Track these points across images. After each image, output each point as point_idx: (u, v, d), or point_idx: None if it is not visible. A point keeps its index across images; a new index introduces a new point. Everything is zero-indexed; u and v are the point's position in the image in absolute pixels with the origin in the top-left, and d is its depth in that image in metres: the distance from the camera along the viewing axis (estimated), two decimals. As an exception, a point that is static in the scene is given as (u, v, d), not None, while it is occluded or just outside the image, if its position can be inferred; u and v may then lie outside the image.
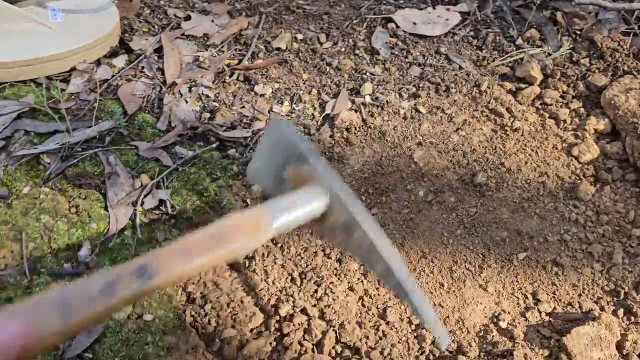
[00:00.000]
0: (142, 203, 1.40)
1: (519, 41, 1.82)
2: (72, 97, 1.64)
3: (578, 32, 1.83)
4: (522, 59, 1.78)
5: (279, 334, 1.27)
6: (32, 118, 1.53)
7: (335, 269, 1.40)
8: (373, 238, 0.94)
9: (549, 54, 1.77)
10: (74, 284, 0.74)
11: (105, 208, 1.38)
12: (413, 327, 1.34)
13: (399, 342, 1.30)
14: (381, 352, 1.27)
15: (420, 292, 0.95)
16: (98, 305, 0.73)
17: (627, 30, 1.76)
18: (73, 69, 1.70)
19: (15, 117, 1.51)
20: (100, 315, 0.73)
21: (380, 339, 1.32)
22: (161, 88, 1.70)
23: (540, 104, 1.69)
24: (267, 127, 1.08)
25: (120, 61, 1.78)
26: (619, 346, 1.28)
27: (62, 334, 0.68)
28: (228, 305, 1.30)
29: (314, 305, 1.33)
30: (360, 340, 1.30)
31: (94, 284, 0.74)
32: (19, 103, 1.54)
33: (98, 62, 1.76)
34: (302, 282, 1.37)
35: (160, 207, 1.40)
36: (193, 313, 1.29)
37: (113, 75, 1.72)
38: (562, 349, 1.26)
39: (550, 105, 1.68)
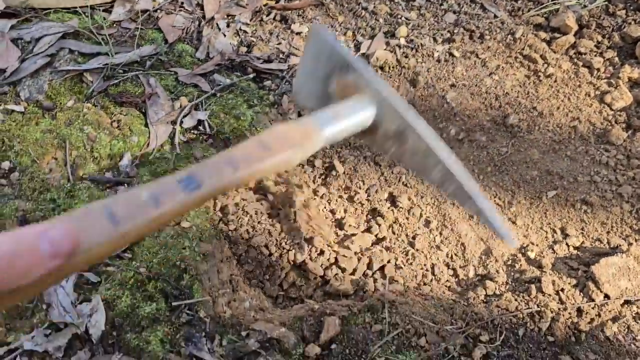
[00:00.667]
0: (181, 122, 1.43)
1: (556, -7, 1.83)
2: (114, 24, 1.67)
3: (613, -13, 1.83)
4: (557, 10, 1.78)
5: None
6: (76, 39, 1.56)
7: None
8: (429, 141, 0.92)
9: (585, 6, 1.78)
10: (122, 195, 0.74)
11: (146, 125, 1.41)
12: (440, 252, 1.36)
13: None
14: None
15: (482, 194, 0.93)
16: (145, 215, 0.72)
17: None
18: (115, -1, 1.74)
19: (60, 37, 1.54)
20: (148, 226, 0.72)
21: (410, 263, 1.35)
22: (200, 21, 1.73)
23: (575, 53, 1.70)
24: (308, 36, 1.05)
25: (160, -5, 1.81)
26: (646, 279, 1.29)
27: (110, 244, 0.67)
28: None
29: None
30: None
31: (140, 194, 0.73)
32: (64, 25, 1.58)
33: (139, -5, 1.79)
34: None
35: (199, 127, 1.43)
36: (227, 227, 1.32)
37: (154, 8, 1.75)
38: (590, 277, 1.27)
39: (585, 54, 1.69)
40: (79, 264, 0.63)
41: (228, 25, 1.73)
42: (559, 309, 1.24)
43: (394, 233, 1.41)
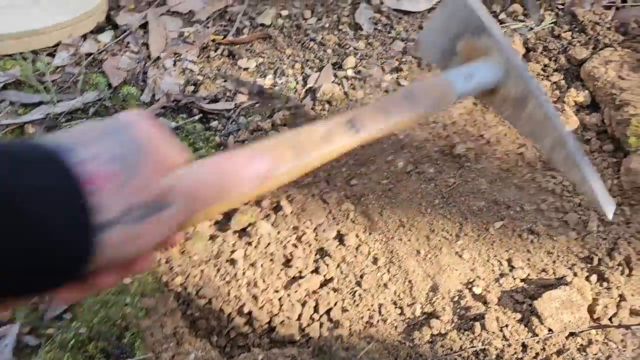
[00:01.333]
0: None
1: (502, 16, 1.83)
2: (58, 70, 1.66)
3: (560, 6, 1.84)
4: (504, 33, 1.79)
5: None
6: (17, 89, 1.56)
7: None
8: (547, 110, 0.97)
9: (531, 28, 1.78)
10: (303, 129, 0.85)
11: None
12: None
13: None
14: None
15: (589, 163, 0.98)
16: (320, 148, 0.83)
17: (608, 4, 1.77)
18: (59, 43, 1.72)
19: (1, 88, 1.53)
20: (322, 157, 0.84)
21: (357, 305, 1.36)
22: (146, 62, 1.72)
23: (521, 77, 1.70)
24: None
25: (106, 36, 1.80)
26: (590, 310, 1.30)
27: (292, 171, 0.79)
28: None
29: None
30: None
31: (317, 130, 0.84)
32: (5, 74, 1.57)
33: (84, 37, 1.78)
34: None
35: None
36: (169, 278, 1.32)
37: (99, 50, 1.74)
38: (534, 312, 1.28)
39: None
40: (268, 187, 0.75)
41: (174, 64, 1.72)
42: (503, 345, 1.25)
43: (341, 273, 1.42)
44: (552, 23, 1.77)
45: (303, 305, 1.34)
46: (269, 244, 1.43)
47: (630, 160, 1.47)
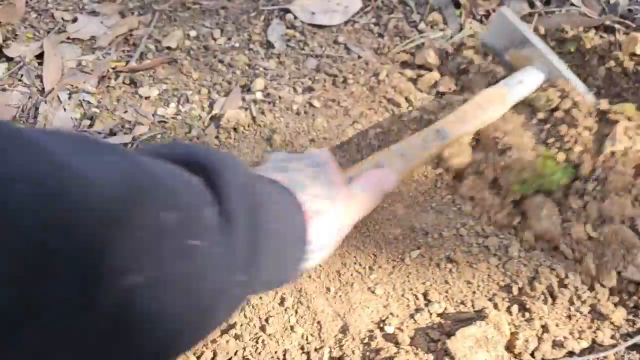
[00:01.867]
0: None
1: (422, 26, 1.73)
2: (-61, 110, 1.54)
3: (484, 15, 1.74)
4: (423, 44, 1.69)
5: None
6: None
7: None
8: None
9: (450, 37, 1.68)
10: (409, 139, 1.18)
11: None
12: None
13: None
14: None
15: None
16: (423, 154, 1.14)
17: (531, 12, 1.68)
18: (-57, 80, 1.60)
19: None
20: (421, 162, 1.18)
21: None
22: (38, 96, 1.60)
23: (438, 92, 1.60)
24: (495, 15, 1.53)
25: (-1, 70, 1.68)
26: (510, 345, 1.20)
27: (403, 174, 1.12)
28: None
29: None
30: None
31: (418, 139, 1.15)
32: None
33: (-27, 73, 1.66)
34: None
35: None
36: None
37: (-13, 86, 1.62)
38: (447, 352, 1.18)
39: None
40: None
41: (70, 97, 1.60)
42: (413, 392, 1.14)
43: (245, 317, 1.30)
44: (472, 33, 1.67)
45: (198, 358, 1.23)
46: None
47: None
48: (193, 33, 1.79)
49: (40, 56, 1.71)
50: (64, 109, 1.56)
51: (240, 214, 0.50)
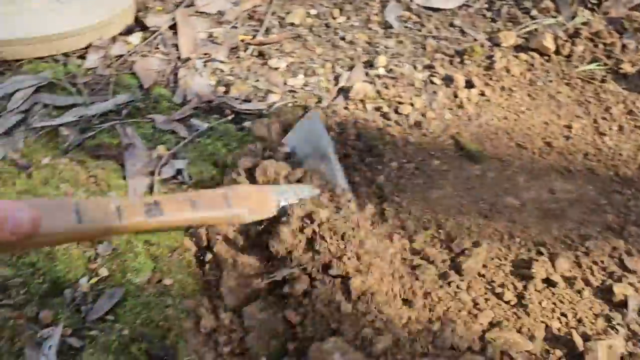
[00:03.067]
0: (160, 173, 1.41)
1: (534, 12, 1.81)
2: (89, 72, 1.66)
3: (595, 3, 1.82)
4: (536, 29, 1.77)
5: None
6: (50, 92, 1.55)
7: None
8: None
9: (563, 24, 1.76)
10: (94, 200, 0.94)
11: (124, 177, 1.39)
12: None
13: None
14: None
15: None
16: (108, 222, 0.84)
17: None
18: (89, 45, 1.72)
19: (34, 91, 1.53)
20: (107, 232, 0.86)
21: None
22: (176, 63, 1.71)
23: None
24: (306, 117, 1.42)
25: (135, 38, 1.79)
26: None
27: (69, 235, 0.82)
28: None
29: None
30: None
31: (110, 204, 0.85)
32: (37, 77, 1.56)
33: (113, 39, 1.77)
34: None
35: (177, 177, 1.41)
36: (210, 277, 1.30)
37: (129, 52, 1.73)
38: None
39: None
40: (40, 242, 0.79)
41: (205, 65, 1.71)
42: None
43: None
44: (584, 21, 1.75)
45: None
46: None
47: None
48: (313, 11, 1.89)
49: (172, 27, 1.83)
50: (201, 75, 1.67)
51: None
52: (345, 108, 1.61)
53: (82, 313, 1.18)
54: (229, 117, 1.56)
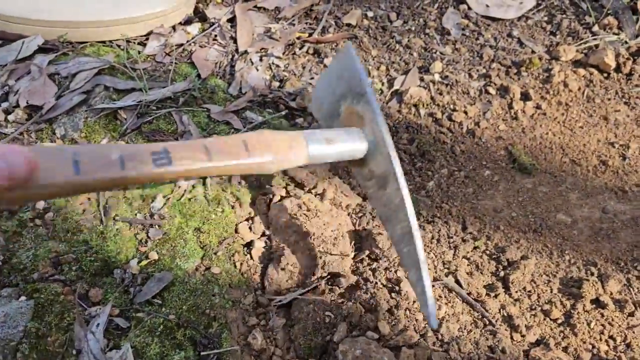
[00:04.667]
0: (213, 162, 1.43)
1: (595, 28, 1.78)
2: (149, 58, 1.69)
3: (658, 22, 1.78)
4: (597, 45, 1.74)
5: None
6: (111, 75, 1.58)
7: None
8: (406, 196, 0.90)
9: (626, 42, 1.73)
10: (94, 147, 0.78)
11: (178, 164, 1.41)
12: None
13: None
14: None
15: (428, 267, 0.93)
16: (109, 173, 0.74)
17: None
18: (150, 32, 1.75)
19: (96, 73, 1.56)
20: (108, 184, 0.75)
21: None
22: (233, 55, 1.73)
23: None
24: (339, 51, 1.01)
25: (194, 28, 1.82)
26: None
27: (67, 188, 0.71)
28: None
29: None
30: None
31: (111, 153, 0.75)
32: (100, 60, 1.60)
33: (173, 28, 1.81)
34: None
35: (230, 167, 1.42)
36: (256, 270, 1.32)
37: (188, 41, 1.76)
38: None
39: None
40: (33, 194, 0.69)
41: (261, 59, 1.73)
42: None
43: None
44: (648, 38, 1.72)
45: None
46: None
47: None
48: (370, 13, 1.89)
49: (231, 20, 1.85)
50: (257, 69, 1.69)
51: None
52: (399, 111, 1.61)
53: (131, 294, 1.21)
54: (283, 113, 1.58)
